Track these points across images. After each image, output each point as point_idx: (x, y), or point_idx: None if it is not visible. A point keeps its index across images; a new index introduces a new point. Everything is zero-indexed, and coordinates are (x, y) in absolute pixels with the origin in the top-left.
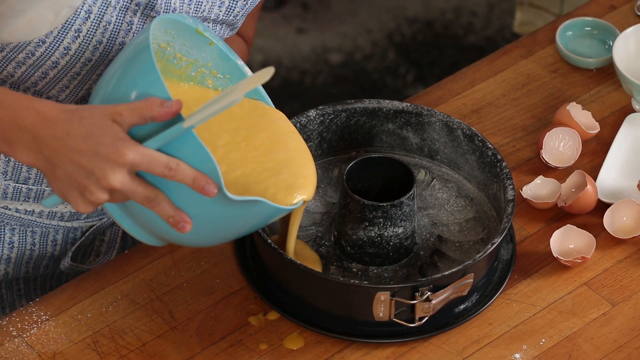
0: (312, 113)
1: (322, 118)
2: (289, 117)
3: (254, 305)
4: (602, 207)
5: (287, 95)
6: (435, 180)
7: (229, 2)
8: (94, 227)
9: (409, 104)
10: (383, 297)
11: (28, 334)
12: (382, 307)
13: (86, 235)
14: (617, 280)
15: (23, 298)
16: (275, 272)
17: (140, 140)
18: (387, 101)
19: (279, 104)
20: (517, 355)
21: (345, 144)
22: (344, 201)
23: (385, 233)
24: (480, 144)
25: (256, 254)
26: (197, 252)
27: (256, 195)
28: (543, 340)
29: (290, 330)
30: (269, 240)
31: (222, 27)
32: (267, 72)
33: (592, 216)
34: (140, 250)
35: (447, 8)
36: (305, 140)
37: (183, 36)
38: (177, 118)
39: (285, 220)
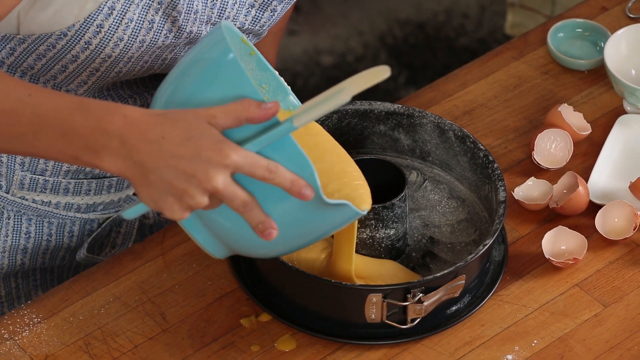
0: None
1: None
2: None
3: (246, 307)
4: (593, 208)
5: None
6: (427, 181)
7: (256, 12)
8: (110, 218)
9: (400, 106)
10: (375, 298)
11: (20, 337)
12: (374, 308)
13: (102, 226)
14: (608, 282)
15: (39, 289)
16: (267, 273)
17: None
18: (379, 103)
19: None
20: (509, 357)
21: None
22: None
23: (377, 235)
24: (472, 145)
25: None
26: (188, 254)
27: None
28: (535, 341)
29: (283, 332)
30: None
31: (247, 35)
32: (383, 71)
33: (583, 217)
34: (132, 253)
35: (438, 10)
36: None
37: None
38: (271, 121)
39: (343, 233)
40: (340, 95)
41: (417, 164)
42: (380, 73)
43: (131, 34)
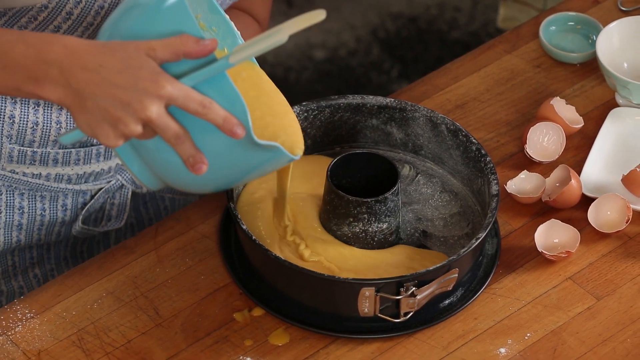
0: (296, 109)
1: (305, 114)
2: None
3: (239, 302)
4: (586, 201)
5: None
6: (419, 175)
7: None
8: (102, 189)
9: (392, 100)
10: (368, 292)
11: (13, 332)
12: (367, 302)
13: (95, 197)
14: (601, 275)
15: (36, 266)
16: (260, 268)
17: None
18: (371, 97)
19: None
20: (502, 350)
21: (329, 140)
22: (328, 197)
23: (370, 229)
24: (465, 139)
25: (241, 250)
26: (181, 249)
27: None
28: (528, 334)
29: (276, 326)
30: (254, 237)
31: None
32: (318, 14)
33: (576, 210)
34: (124, 247)
35: (431, 4)
36: None
37: None
38: (208, 58)
39: (281, 175)
40: (277, 35)
41: (409, 158)
42: (315, 15)
43: (112, 2)
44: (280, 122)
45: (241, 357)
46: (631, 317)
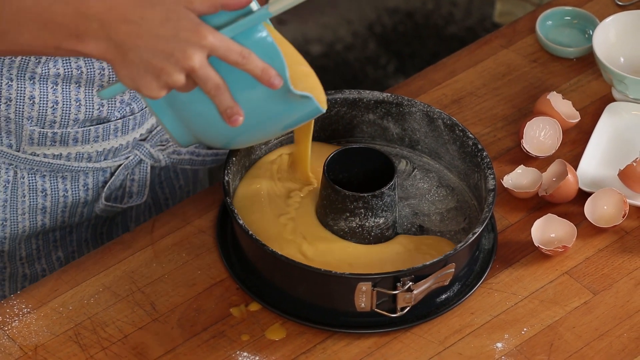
0: None
1: None
2: None
3: (235, 297)
4: (583, 196)
5: None
6: (416, 170)
7: None
8: (122, 165)
9: (389, 94)
10: (364, 287)
11: (9, 327)
12: (364, 297)
13: (115, 175)
14: (598, 269)
15: (59, 249)
16: (256, 263)
17: None
18: (368, 92)
19: None
20: (499, 345)
21: (326, 134)
22: (325, 192)
23: (367, 223)
24: (461, 133)
25: (238, 245)
26: (178, 244)
27: None
28: (525, 329)
29: (272, 321)
30: (251, 232)
31: None
32: None
33: (573, 205)
34: (121, 242)
35: None
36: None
37: None
38: (245, 10)
39: (301, 132)
40: None
41: (406, 153)
42: None
43: None
44: (306, 80)
45: (238, 352)
46: (628, 311)
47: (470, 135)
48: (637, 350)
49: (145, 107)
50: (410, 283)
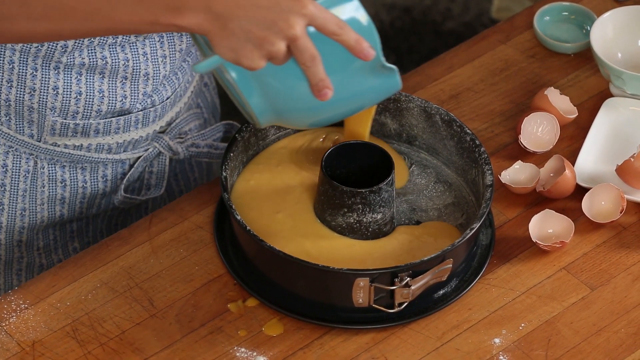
0: None
1: None
2: None
3: (233, 292)
4: (580, 191)
5: None
6: (413, 166)
7: None
8: (141, 157)
9: None
10: (362, 283)
11: (7, 323)
12: (362, 293)
13: (135, 167)
14: (595, 265)
15: (75, 240)
16: (254, 258)
17: None
18: None
19: None
20: (497, 340)
21: (324, 130)
22: (323, 188)
23: (364, 219)
24: (459, 129)
25: (235, 241)
26: (175, 240)
27: None
28: (522, 324)
29: (270, 316)
30: (248, 227)
31: None
32: None
33: (570, 201)
34: (119, 238)
35: None
36: (283, 127)
37: None
38: None
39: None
40: None
41: (403, 149)
42: None
43: None
44: None
45: (235, 348)
46: (625, 307)
47: (468, 130)
48: (635, 346)
49: (167, 99)
50: (408, 279)
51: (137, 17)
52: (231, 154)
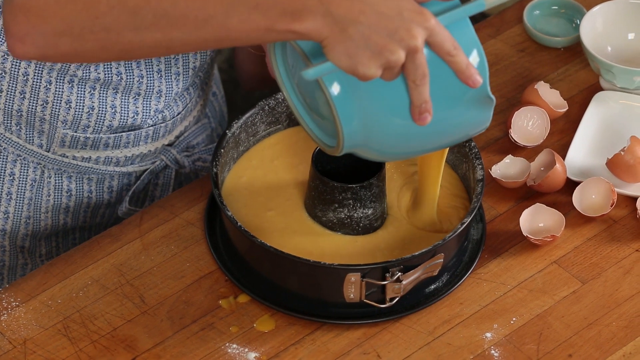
0: (280, 96)
1: None
2: (258, 100)
3: (224, 289)
4: (571, 185)
5: None
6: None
7: None
8: (148, 170)
9: None
10: (353, 278)
11: None
12: (353, 288)
13: (141, 179)
14: (586, 258)
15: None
16: (245, 254)
17: None
18: None
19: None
20: (488, 335)
21: None
22: (313, 183)
23: (355, 214)
24: None
25: (226, 237)
26: (166, 236)
27: None
28: (514, 319)
29: (262, 312)
30: (239, 224)
31: None
32: None
33: (561, 194)
34: (109, 235)
35: None
36: (274, 123)
37: None
38: (453, 3)
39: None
40: None
41: None
42: None
43: None
44: None
45: (227, 344)
46: (616, 300)
47: None
48: (626, 339)
49: (178, 115)
50: (399, 273)
51: (252, 25)
52: (222, 150)
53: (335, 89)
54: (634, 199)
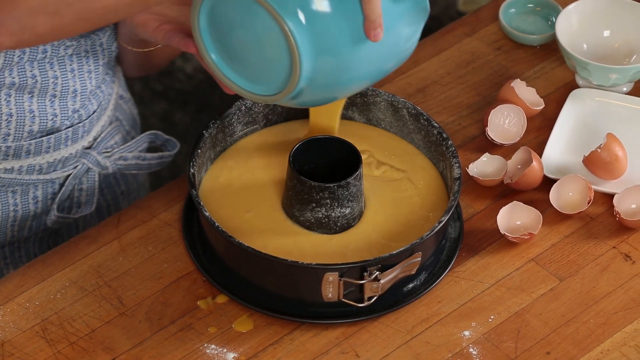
0: None
1: None
2: (235, 100)
3: (202, 289)
4: (548, 183)
5: None
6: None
7: None
8: (70, 175)
9: None
10: (331, 277)
11: None
12: (331, 287)
13: (65, 185)
14: (564, 256)
15: (10, 267)
16: (223, 255)
17: None
18: None
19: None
20: (467, 333)
21: (293, 125)
22: (291, 183)
23: (333, 214)
24: (426, 122)
25: (204, 238)
26: (144, 237)
27: None
28: (492, 317)
29: (240, 313)
30: (217, 224)
31: None
32: None
33: (538, 192)
34: (87, 237)
35: None
36: (251, 123)
37: None
38: None
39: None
40: None
41: None
42: None
43: None
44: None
45: (206, 345)
46: (594, 297)
47: (435, 124)
48: (604, 336)
49: (94, 113)
50: (377, 272)
51: None
52: (198, 151)
53: (291, 23)
54: (611, 196)
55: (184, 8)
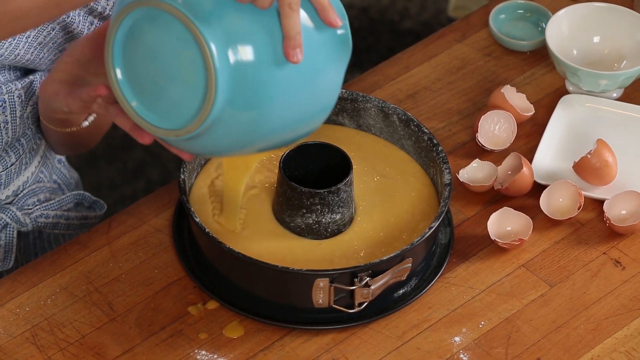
0: None
1: None
2: None
3: (193, 295)
4: (538, 188)
5: None
6: None
7: None
8: None
9: (344, 90)
10: (322, 283)
11: None
12: (322, 293)
13: None
14: (554, 261)
15: None
16: (213, 260)
17: None
18: None
19: None
20: (457, 339)
21: None
22: (281, 189)
23: (323, 220)
24: (416, 128)
25: (194, 244)
26: (134, 243)
27: None
28: (482, 322)
29: (230, 319)
30: (207, 229)
31: None
32: None
33: (528, 198)
34: (77, 243)
35: None
36: None
37: None
38: None
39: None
40: None
41: None
42: None
43: None
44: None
45: (196, 351)
46: (584, 303)
47: (425, 130)
48: (594, 342)
49: (11, 166)
50: (368, 278)
51: None
52: None
53: (207, 33)
54: (601, 201)
55: (94, 59)
